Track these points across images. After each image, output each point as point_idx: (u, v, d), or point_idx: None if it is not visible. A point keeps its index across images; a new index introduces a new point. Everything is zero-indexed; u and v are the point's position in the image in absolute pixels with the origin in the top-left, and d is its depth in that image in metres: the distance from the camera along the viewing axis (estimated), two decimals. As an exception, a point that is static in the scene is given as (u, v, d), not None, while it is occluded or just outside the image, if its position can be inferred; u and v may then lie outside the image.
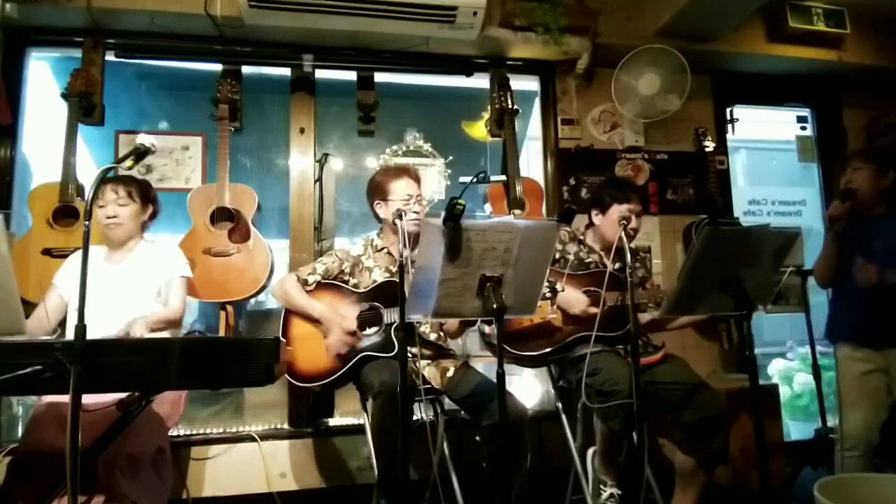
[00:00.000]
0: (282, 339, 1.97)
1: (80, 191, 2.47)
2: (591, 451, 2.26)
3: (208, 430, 2.69)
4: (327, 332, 2.12)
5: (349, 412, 2.84)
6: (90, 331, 1.28)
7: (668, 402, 2.06)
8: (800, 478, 2.54)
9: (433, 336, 2.27)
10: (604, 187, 2.37)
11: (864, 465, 2.18)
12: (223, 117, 2.66)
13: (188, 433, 2.63)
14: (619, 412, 1.92)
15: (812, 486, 1.58)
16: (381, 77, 3.11)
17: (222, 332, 2.59)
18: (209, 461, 2.57)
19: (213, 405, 2.91)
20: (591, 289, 2.21)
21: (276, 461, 2.62)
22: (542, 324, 2.20)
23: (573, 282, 2.22)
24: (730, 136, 3.49)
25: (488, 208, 2.97)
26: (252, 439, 2.62)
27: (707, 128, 3.32)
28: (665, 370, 2.11)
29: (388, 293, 2.14)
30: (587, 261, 2.35)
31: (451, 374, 2.13)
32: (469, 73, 3.16)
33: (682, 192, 3.34)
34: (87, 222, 1.34)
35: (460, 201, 1.47)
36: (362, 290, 2.21)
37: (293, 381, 2.12)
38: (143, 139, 1.56)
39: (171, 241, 2.49)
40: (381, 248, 2.30)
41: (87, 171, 2.71)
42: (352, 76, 3.08)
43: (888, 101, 3.53)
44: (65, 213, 2.44)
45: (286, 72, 3.05)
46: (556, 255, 2.30)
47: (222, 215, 2.57)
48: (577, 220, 2.52)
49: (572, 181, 3.20)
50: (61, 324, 2.12)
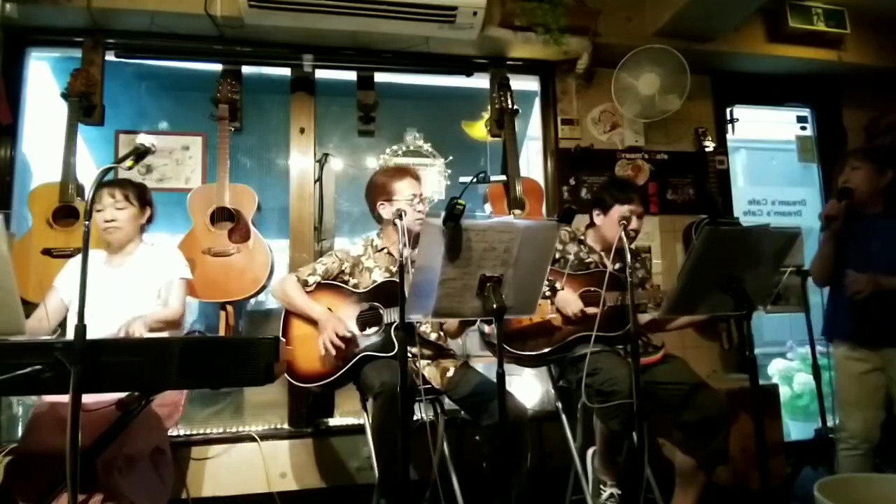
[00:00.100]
0: (281, 338, 1.98)
1: (80, 191, 2.47)
2: (591, 451, 2.26)
3: (208, 430, 2.69)
4: (321, 334, 2.11)
5: (349, 412, 2.84)
6: (91, 334, 1.27)
7: (668, 402, 2.06)
8: (800, 478, 2.53)
9: (433, 336, 2.26)
10: (606, 188, 2.37)
11: (864, 465, 2.18)
12: (223, 117, 2.66)
13: (188, 433, 2.63)
14: (619, 412, 1.92)
15: (812, 486, 1.59)
16: (381, 77, 3.11)
17: (222, 332, 2.59)
18: (209, 461, 2.57)
19: (213, 405, 2.91)
20: (591, 289, 2.21)
21: (276, 461, 2.62)
22: (542, 323, 2.21)
23: (573, 282, 2.23)
24: (730, 136, 3.49)
25: (488, 208, 2.96)
26: (252, 439, 2.62)
27: (707, 128, 3.32)
28: (665, 370, 2.11)
29: (388, 293, 2.14)
30: (587, 261, 2.35)
31: (451, 374, 2.13)
32: (469, 73, 3.16)
33: (682, 192, 3.34)
34: (87, 222, 1.34)
35: (460, 201, 1.47)
36: (362, 290, 2.21)
37: (293, 381, 2.11)
38: (143, 139, 1.56)
39: (171, 243, 2.49)
40: (382, 249, 2.29)
41: (87, 171, 2.71)
42: (352, 76, 3.08)
43: (888, 101, 3.53)
44: (65, 214, 2.44)
45: (286, 72, 3.05)
46: (557, 255, 2.30)
47: (222, 215, 2.58)
48: (578, 220, 2.52)
49: (572, 181, 3.20)
50: (61, 325, 2.12)
